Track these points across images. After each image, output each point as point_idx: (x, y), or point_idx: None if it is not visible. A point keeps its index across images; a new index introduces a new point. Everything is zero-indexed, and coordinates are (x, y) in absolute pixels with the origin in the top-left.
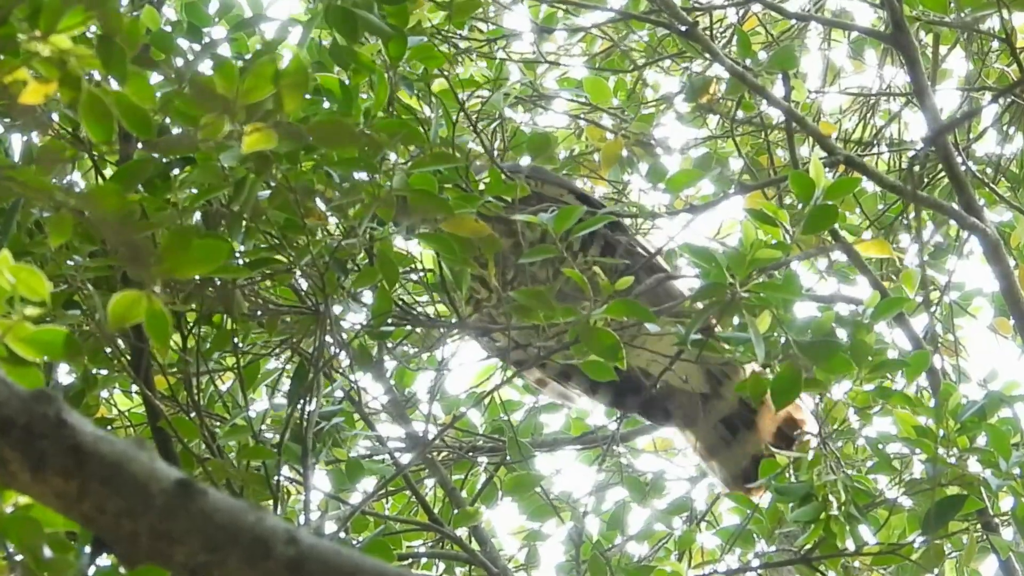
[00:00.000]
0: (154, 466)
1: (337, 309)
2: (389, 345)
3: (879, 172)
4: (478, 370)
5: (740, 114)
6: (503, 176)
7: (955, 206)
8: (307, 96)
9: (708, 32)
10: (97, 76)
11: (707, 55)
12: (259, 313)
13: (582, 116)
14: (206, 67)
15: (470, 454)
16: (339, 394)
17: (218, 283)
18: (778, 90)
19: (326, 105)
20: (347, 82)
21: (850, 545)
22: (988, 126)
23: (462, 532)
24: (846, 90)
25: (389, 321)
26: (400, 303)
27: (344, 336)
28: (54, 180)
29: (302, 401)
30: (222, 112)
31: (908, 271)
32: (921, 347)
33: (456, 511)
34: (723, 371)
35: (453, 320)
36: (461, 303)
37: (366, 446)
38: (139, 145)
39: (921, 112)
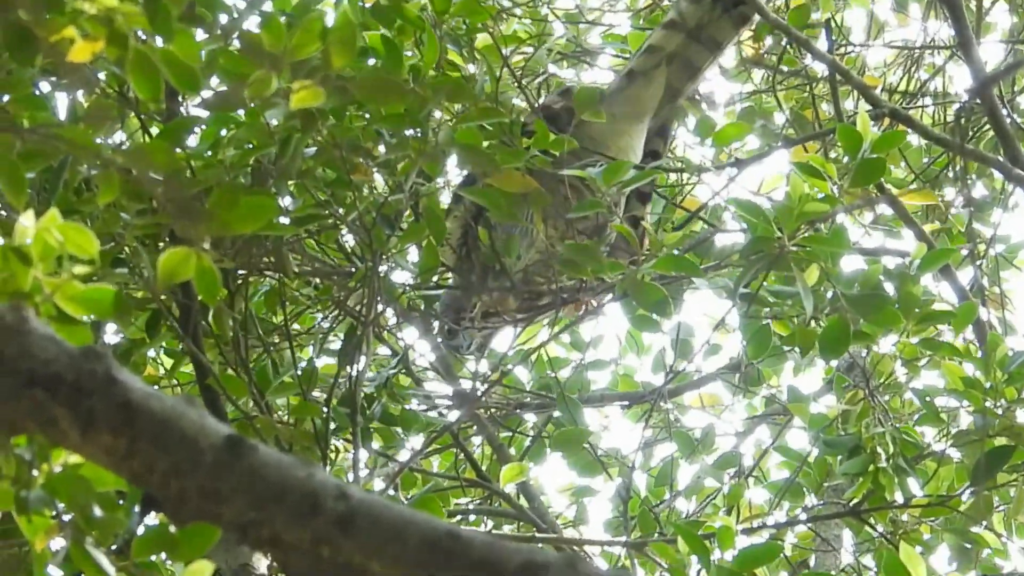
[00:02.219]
0: (203, 423)
1: (384, 267)
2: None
3: (925, 125)
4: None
5: (785, 68)
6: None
7: (1001, 158)
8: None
9: None
10: (143, 34)
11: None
12: (312, 270)
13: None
14: (252, 24)
15: (517, 411)
16: (384, 351)
17: (267, 241)
18: (822, 44)
19: (371, 62)
20: (392, 40)
21: (898, 498)
22: None
23: (510, 489)
24: (890, 43)
25: (435, 279)
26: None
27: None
28: (101, 138)
29: (352, 361)
30: (269, 69)
31: (955, 221)
32: (968, 299)
33: (504, 468)
34: None
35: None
36: (512, 267)
37: (414, 404)
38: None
39: (966, 65)
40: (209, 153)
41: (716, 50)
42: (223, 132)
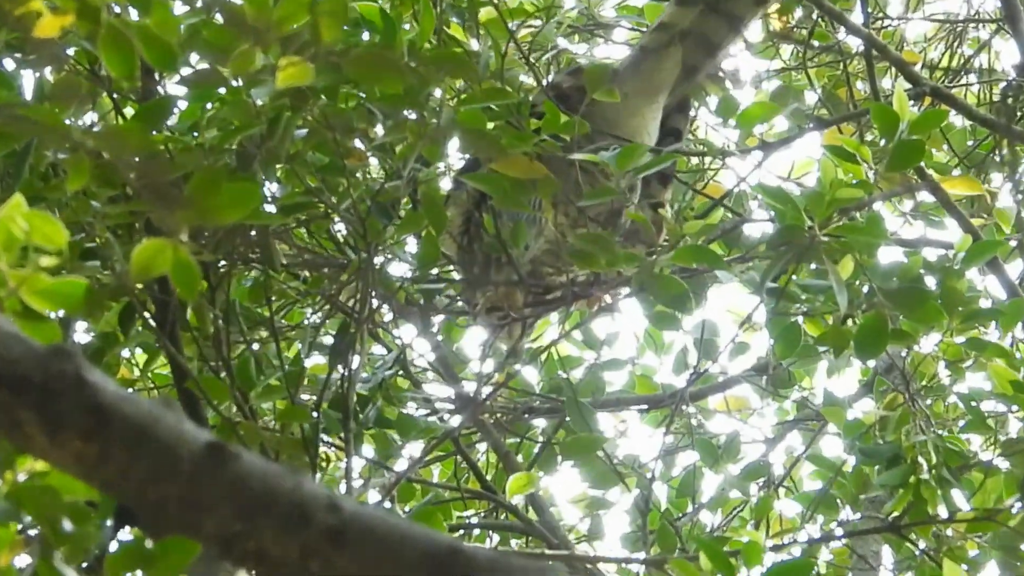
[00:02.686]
0: (182, 428)
1: (379, 259)
2: (436, 298)
3: (968, 104)
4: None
5: (816, 43)
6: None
7: None
8: (346, 27)
9: None
10: (116, 7)
11: None
12: (301, 262)
13: None
14: None
15: (526, 415)
16: (379, 350)
17: (251, 231)
18: (857, 17)
19: (366, 37)
20: (388, 12)
21: (942, 511)
22: None
23: (518, 500)
24: (931, 16)
25: (435, 272)
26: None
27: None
28: (70, 119)
29: (344, 361)
30: (253, 44)
31: (1002, 211)
32: (1017, 295)
33: (511, 478)
34: None
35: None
36: (520, 258)
37: (412, 407)
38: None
39: (1013, 39)
40: (188, 135)
41: (736, 25)
42: (204, 112)
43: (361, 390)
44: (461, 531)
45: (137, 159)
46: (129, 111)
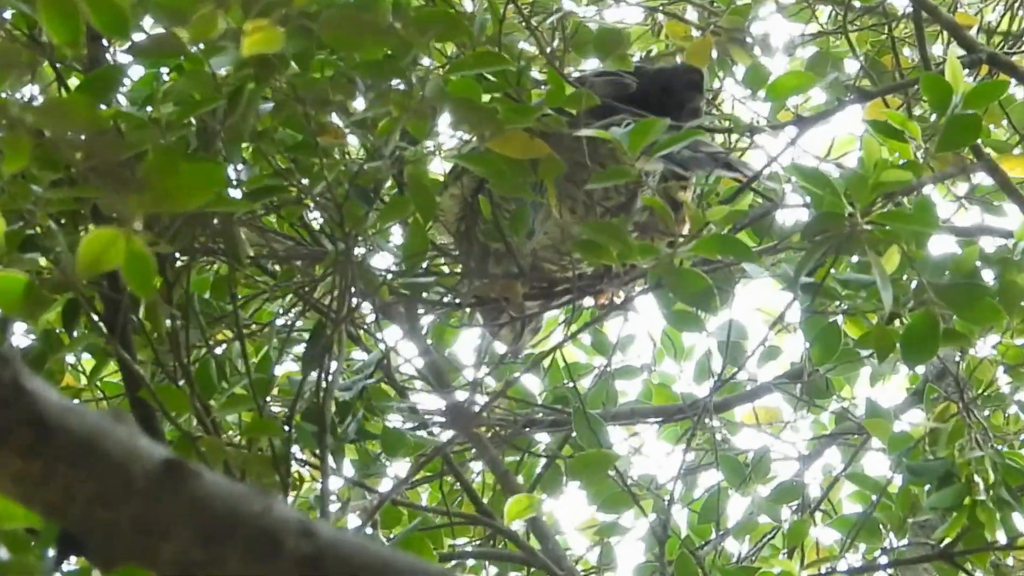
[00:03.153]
0: (135, 443)
1: (360, 250)
2: (425, 295)
3: None
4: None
5: (858, 4)
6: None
7: None
8: None
9: None
10: None
11: None
12: (270, 254)
13: (661, 8)
14: None
15: (527, 429)
16: (360, 354)
17: (214, 219)
18: None
19: None
20: None
21: (1000, 537)
22: None
23: (517, 526)
24: None
25: (424, 266)
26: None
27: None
28: (7, 92)
29: (320, 366)
30: (215, 6)
31: None
32: None
33: (510, 500)
34: None
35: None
36: (521, 248)
37: (397, 420)
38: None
39: None
40: (141, 110)
41: None
42: (158, 84)
43: (339, 399)
44: (453, 561)
45: (83, 137)
46: (74, 83)
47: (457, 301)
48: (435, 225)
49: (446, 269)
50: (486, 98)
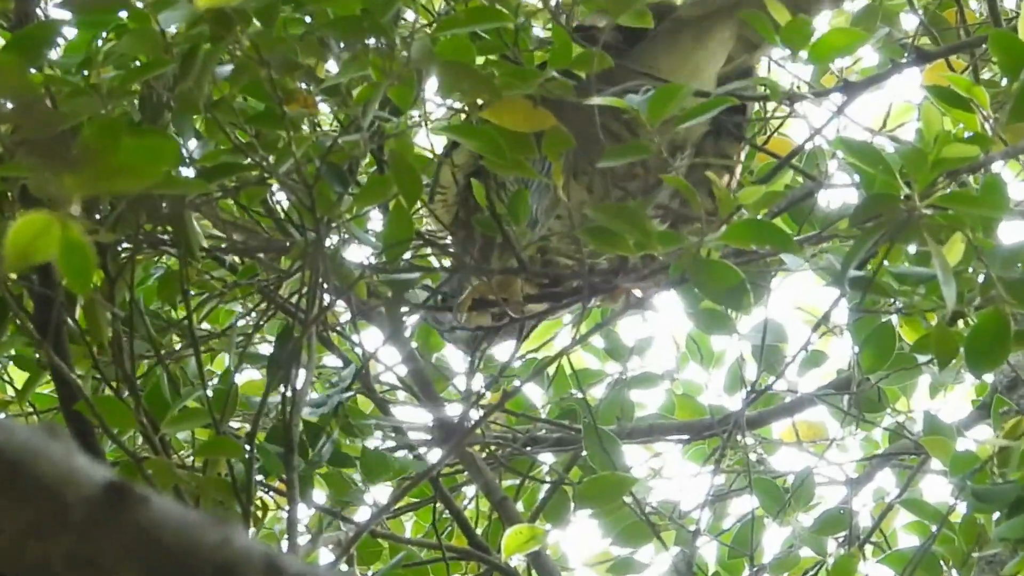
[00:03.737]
0: (71, 465)
1: (333, 240)
2: (409, 293)
3: None
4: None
5: None
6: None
7: None
8: None
9: None
10: None
11: None
12: (229, 245)
13: None
14: None
15: (528, 449)
16: (333, 361)
17: (162, 202)
18: None
19: None
20: None
21: None
22: None
23: (517, 562)
24: None
25: (408, 257)
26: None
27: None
28: None
29: (287, 377)
30: None
31: None
32: None
33: (509, 532)
34: None
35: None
36: (520, 238)
37: (377, 439)
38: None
39: None
40: (78, 74)
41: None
42: (98, 44)
43: (310, 416)
44: None
45: (10, 106)
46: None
47: (445, 300)
48: (433, 206)
49: (435, 261)
50: (480, 60)
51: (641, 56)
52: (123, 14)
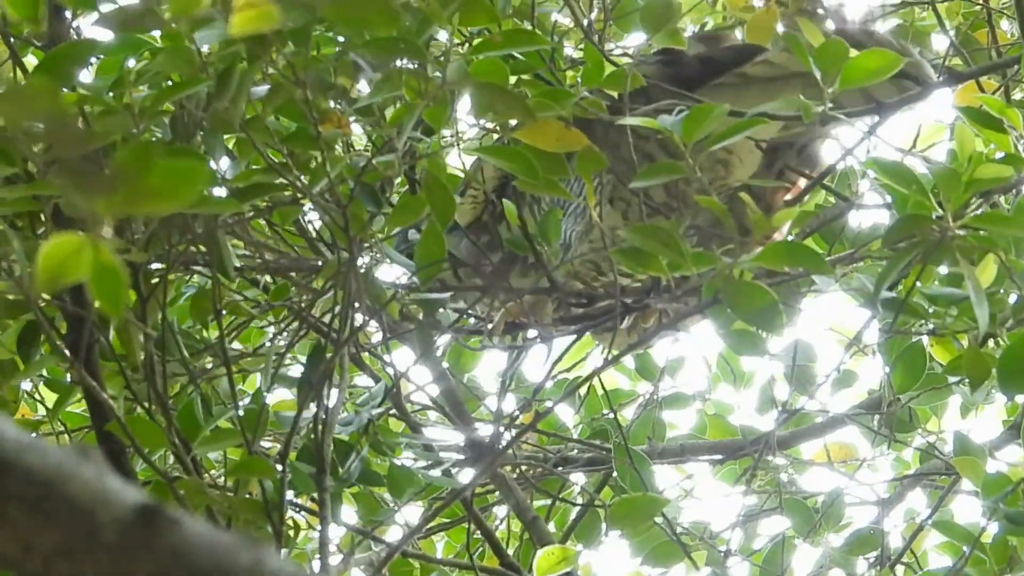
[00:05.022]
0: (103, 486)
1: (365, 260)
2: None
3: None
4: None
5: None
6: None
7: None
8: None
9: None
10: None
11: None
12: (261, 264)
13: None
14: None
15: (560, 469)
16: (365, 381)
17: (196, 223)
18: None
19: None
20: None
21: None
22: None
23: None
24: None
25: (441, 278)
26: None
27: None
28: None
29: (318, 396)
30: None
31: None
32: None
33: (540, 552)
34: None
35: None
36: (552, 258)
37: (408, 458)
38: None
39: None
40: (111, 94)
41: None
42: (132, 63)
43: (339, 434)
44: None
45: (43, 126)
46: (32, 61)
47: (477, 321)
48: (462, 201)
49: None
50: (512, 79)
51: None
52: (156, 33)
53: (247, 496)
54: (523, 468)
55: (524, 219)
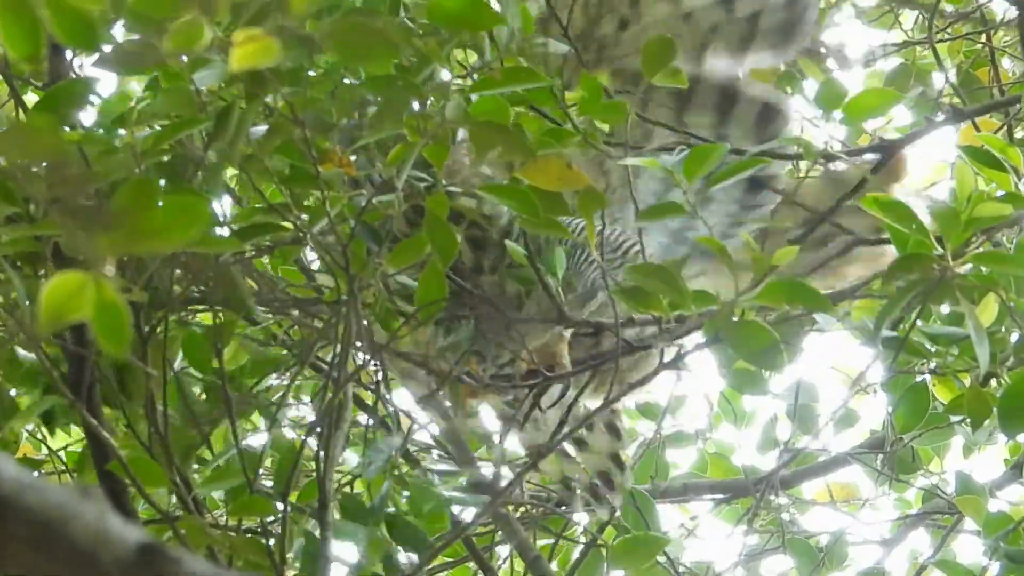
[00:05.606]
0: (105, 525)
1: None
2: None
3: None
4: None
5: (949, 7)
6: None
7: None
8: None
9: None
10: None
11: None
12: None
13: None
14: None
15: (562, 508)
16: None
17: (203, 260)
18: None
19: None
20: None
21: None
22: None
23: None
24: None
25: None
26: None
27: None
28: None
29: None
30: (199, 13)
31: None
32: None
33: None
34: None
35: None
36: (560, 293)
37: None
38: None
39: None
40: (112, 132)
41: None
42: (132, 102)
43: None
44: None
45: (44, 165)
46: (33, 98)
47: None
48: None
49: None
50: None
51: None
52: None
53: (250, 537)
54: (526, 507)
55: (531, 252)
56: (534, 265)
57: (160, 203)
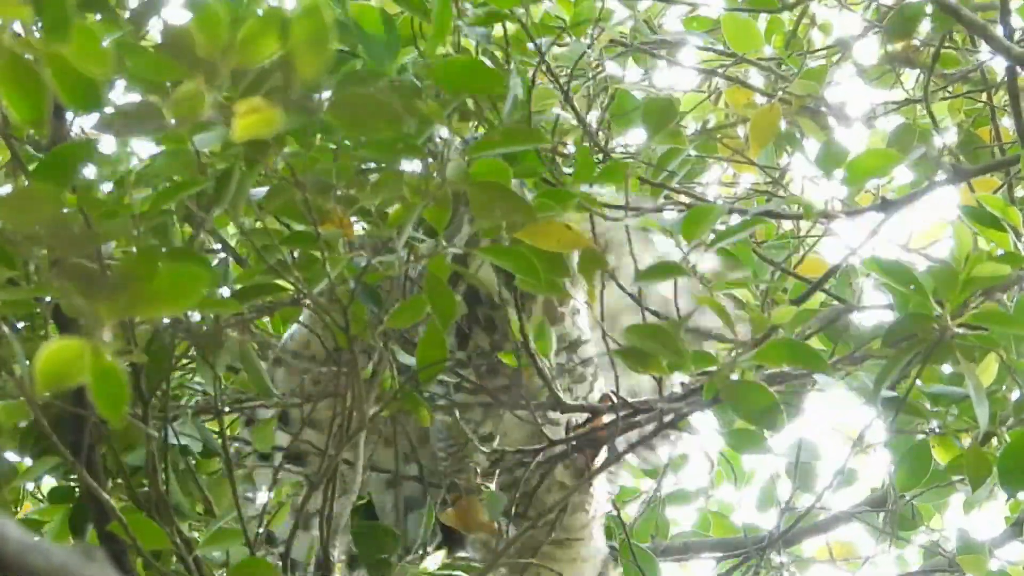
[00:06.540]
0: None
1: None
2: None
3: None
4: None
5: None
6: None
7: None
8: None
9: None
10: (20, 28)
11: None
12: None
13: (720, 72)
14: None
15: None
16: None
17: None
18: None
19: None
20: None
21: None
22: None
23: None
24: None
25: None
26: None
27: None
28: None
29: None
30: (202, 80)
31: None
32: None
33: None
34: None
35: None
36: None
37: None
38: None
39: None
40: (112, 194)
41: None
42: (133, 162)
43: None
44: None
45: (44, 228)
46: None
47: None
48: None
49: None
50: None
51: None
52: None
53: None
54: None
55: (523, 321)
56: (528, 350)
57: (162, 269)
